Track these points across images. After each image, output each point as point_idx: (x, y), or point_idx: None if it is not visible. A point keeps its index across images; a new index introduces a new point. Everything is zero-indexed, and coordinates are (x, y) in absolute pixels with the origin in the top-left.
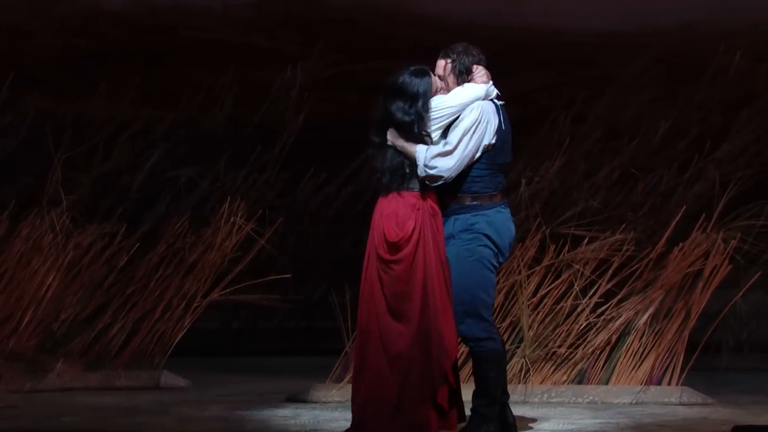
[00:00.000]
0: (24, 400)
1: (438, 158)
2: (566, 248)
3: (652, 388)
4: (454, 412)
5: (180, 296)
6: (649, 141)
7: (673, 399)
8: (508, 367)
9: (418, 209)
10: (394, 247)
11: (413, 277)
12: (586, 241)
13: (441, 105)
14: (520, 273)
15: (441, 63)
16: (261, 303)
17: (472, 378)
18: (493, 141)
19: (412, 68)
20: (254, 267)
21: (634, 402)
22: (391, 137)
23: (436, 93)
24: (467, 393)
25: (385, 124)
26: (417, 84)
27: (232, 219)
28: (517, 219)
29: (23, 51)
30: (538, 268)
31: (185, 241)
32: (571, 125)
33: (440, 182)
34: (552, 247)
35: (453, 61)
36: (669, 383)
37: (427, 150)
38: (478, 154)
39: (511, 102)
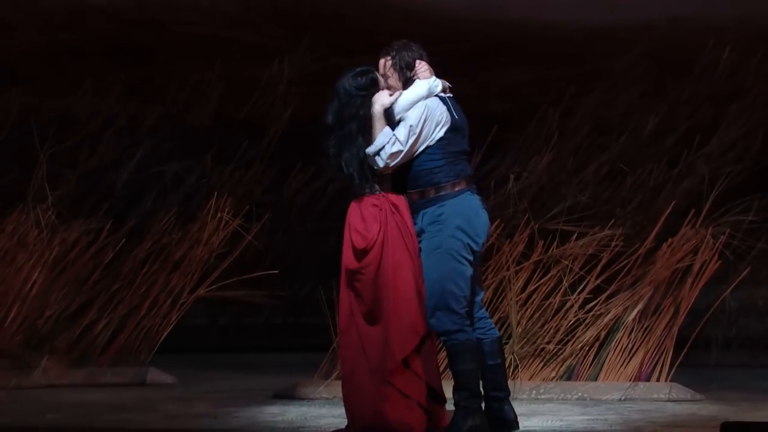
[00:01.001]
0: (9, 396)
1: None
2: (555, 244)
3: (641, 384)
4: (442, 411)
5: (166, 292)
6: (638, 136)
7: (662, 395)
8: None
9: (381, 209)
10: (362, 253)
11: (380, 277)
12: (574, 236)
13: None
14: (508, 269)
15: (382, 62)
16: (248, 299)
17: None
18: (442, 134)
19: (357, 69)
20: (241, 263)
21: (623, 398)
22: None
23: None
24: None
25: (335, 129)
26: (358, 82)
27: (218, 215)
28: (505, 215)
29: (7, 46)
30: (526, 263)
31: (172, 236)
32: (560, 120)
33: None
34: (540, 243)
35: (393, 58)
36: (658, 379)
37: (389, 143)
38: (421, 148)
39: (499, 97)
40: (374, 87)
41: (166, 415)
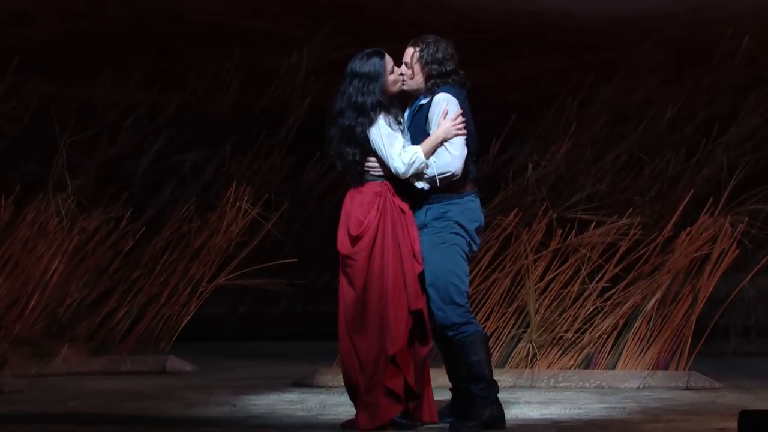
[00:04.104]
0: (30, 384)
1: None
2: (573, 233)
3: (660, 372)
4: (421, 407)
5: (186, 281)
6: (657, 125)
7: (680, 384)
8: (515, 352)
9: (381, 196)
10: (356, 239)
11: (371, 267)
12: (593, 225)
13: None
14: (527, 257)
15: (410, 50)
16: (267, 288)
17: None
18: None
19: (366, 51)
20: (260, 252)
21: (641, 387)
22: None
23: (392, 73)
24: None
25: (338, 116)
26: (368, 64)
27: (237, 204)
28: (524, 203)
29: (28, 35)
30: (544, 252)
31: (191, 225)
32: (578, 109)
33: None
34: (559, 232)
35: (421, 50)
36: (676, 368)
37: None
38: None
39: (518, 86)
40: (383, 68)
41: (186, 402)
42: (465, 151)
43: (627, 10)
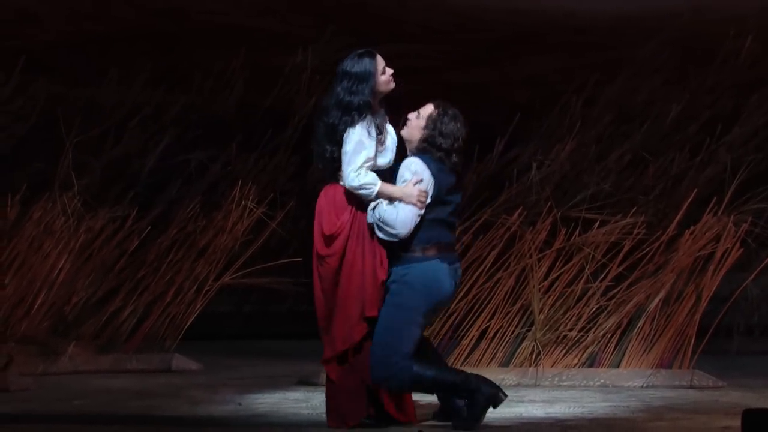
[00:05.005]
0: (36, 383)
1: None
2: (577, 231)
3: (663, 371)
4: (399, 407)
5: (191, 280)
6: (661, 124)
7: (684, 382)
8: (519, 351)
9: (355, 196)
10: (330, 239)
11: (344, 268)
12: (597, 224)
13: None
14: (531, 256)
15: (430, 107)
16: (272, 286)
17: None
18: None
19: (358, 51)
20: (265, 250)
21: (645, 385)
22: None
23: (383, 74)
24: None
25: (329, 110)
26: (359, 64)
27: (243, 202)
28: (528, 202)
29: (35, 36)
30: (549, 251)
31: (196, 224)
32: (583, 108)
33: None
34: (563, 231)
35: (438, 115)
36: (680, 366)
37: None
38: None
39: (522, 85)
40: (374, 68)
41: (191, 401)
42: (414, 220)
43: (631, 9)
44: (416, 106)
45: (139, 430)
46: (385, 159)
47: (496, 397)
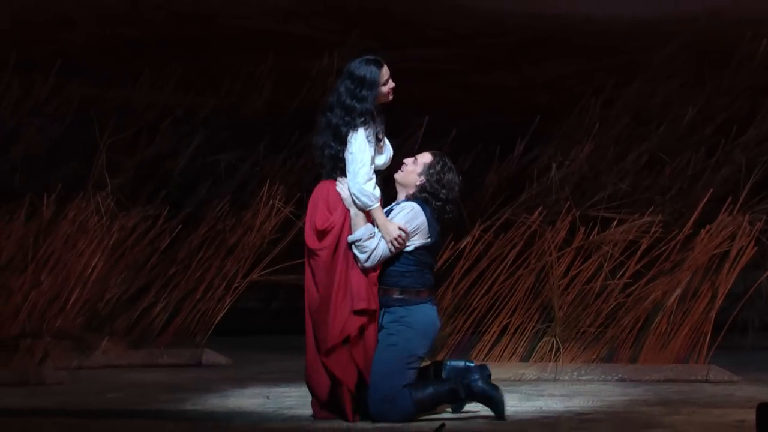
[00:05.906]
0: (71, 377)
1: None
2: (596, 230)
3: (680, 366)
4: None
5: (221, 277)
6: (677, 126)
7: (700, 377)
8: (539, 346)
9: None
10: (322, 234)
11: (335, 264)
12: (615, 223)
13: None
14: (550, 254)
15: (428, 156)
16: (299, 283)
17: None
18: (419, 243)
19: (367, 56)
20: (292, 248)
21: (662, 379)
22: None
23: (385, 85)
24: None
25: (333, 108)
26: (366, 70)
27: (271, 202)
28: (548, 202)
29: (70, 39)
30: (568, 249)
31: (226, 223)
32: (601, 111)
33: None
34: (582, 229)
35: (436, 164)
36: (696, 361)
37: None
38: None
39: (542, 88)
40: (379, 76)
41: (221, 394)
42: (383, 256)
43: (648, 14)
44: (438, 114)
45: (170, 423)
46: (381, 162)
47: (488, 379)
